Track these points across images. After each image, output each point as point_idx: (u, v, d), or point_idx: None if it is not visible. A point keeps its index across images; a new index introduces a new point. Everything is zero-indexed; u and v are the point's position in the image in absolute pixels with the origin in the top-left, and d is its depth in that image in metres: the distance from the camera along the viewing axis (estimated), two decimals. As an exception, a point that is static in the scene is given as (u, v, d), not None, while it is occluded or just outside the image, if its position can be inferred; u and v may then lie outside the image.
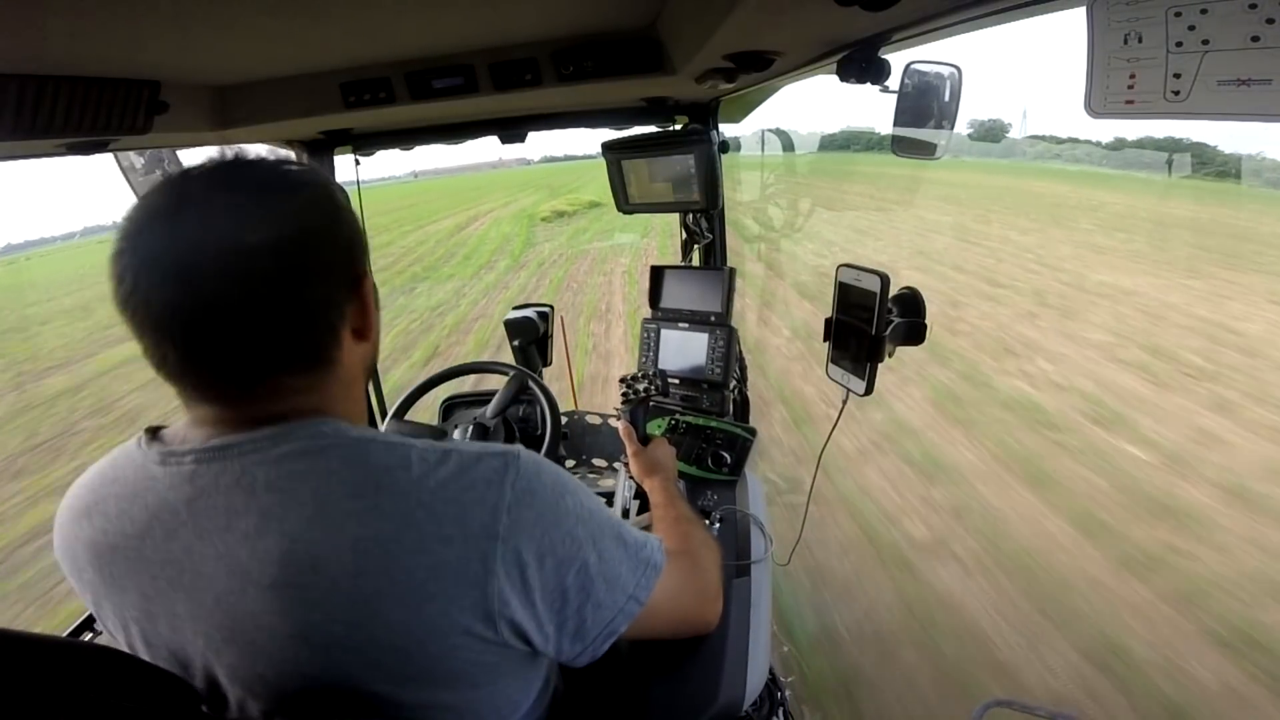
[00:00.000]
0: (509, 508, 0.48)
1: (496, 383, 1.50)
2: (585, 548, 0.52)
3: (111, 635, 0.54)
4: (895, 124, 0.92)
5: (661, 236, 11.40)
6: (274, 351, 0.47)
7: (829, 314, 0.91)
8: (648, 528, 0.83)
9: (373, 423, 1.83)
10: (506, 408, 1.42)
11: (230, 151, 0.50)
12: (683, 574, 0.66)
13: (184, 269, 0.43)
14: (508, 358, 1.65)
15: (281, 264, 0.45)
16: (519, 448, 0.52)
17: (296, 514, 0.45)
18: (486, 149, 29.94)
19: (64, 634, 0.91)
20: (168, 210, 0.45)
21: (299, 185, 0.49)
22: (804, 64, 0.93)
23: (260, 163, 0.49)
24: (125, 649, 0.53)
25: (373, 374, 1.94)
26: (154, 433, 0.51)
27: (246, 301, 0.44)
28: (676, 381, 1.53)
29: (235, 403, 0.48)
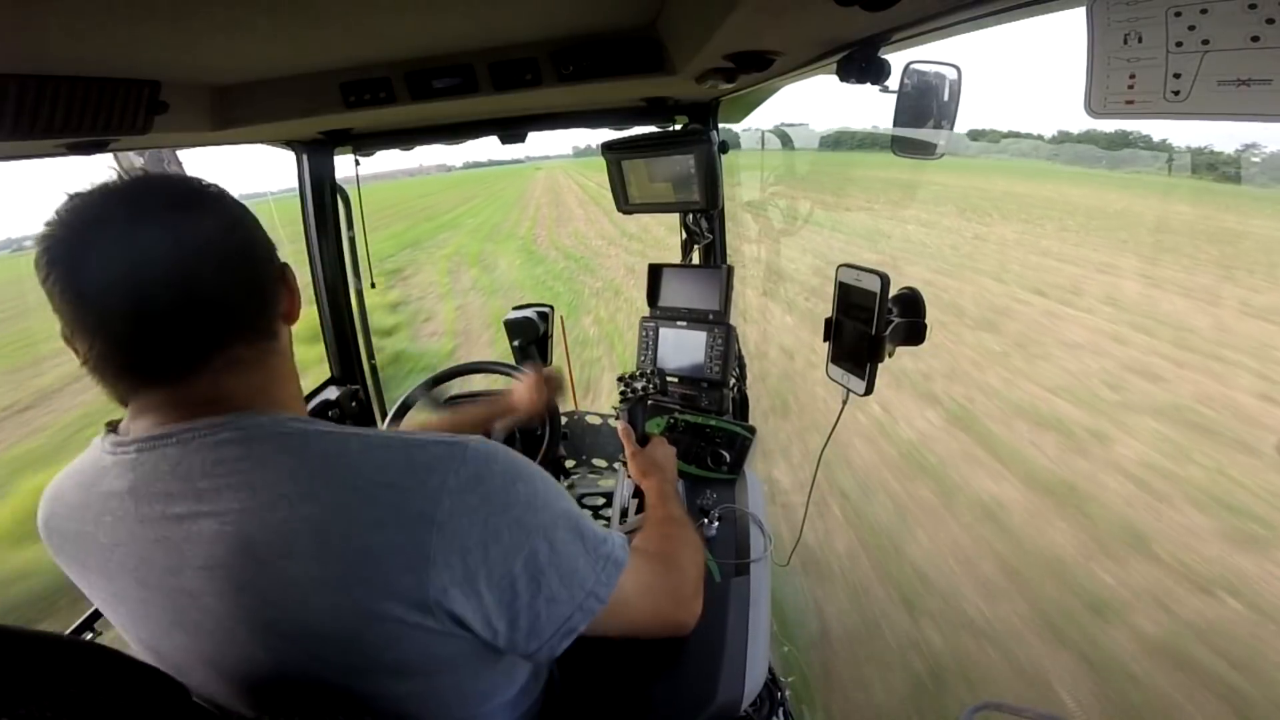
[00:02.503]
0: (450, 492, 0.47)
1: (500, 383, 1.50)
2: (534, 536, 0.50)
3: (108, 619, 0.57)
4: (895, 124, 0.92)
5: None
6: (223, 320, 0.50)
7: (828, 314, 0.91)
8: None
9: (372, 423, 1.83)
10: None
11: (137, 174, 0.53)
12: (655, 573, 0.65)
13: (136, 254, 0.46)
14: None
15: (234, 238, 0.51)
16: (474, 437, 0.52)
17: (230, 498, 0.46)
18: (400, 156, 29.08)
19: (66, 631, 0.92)
20: (105, 209, 0.47)
21: (217, 190, 0.53)
22: (804, 64, 0.93)
23: (171, 176, 0.54)
24: (120, 631, 0.55)
25: (374, 374, 1.94)
26: (111, 426, 0.53)
27: (198, 276, 0.48)
28: (675, 380, 1.53)
29: (183, 382, 0.49)
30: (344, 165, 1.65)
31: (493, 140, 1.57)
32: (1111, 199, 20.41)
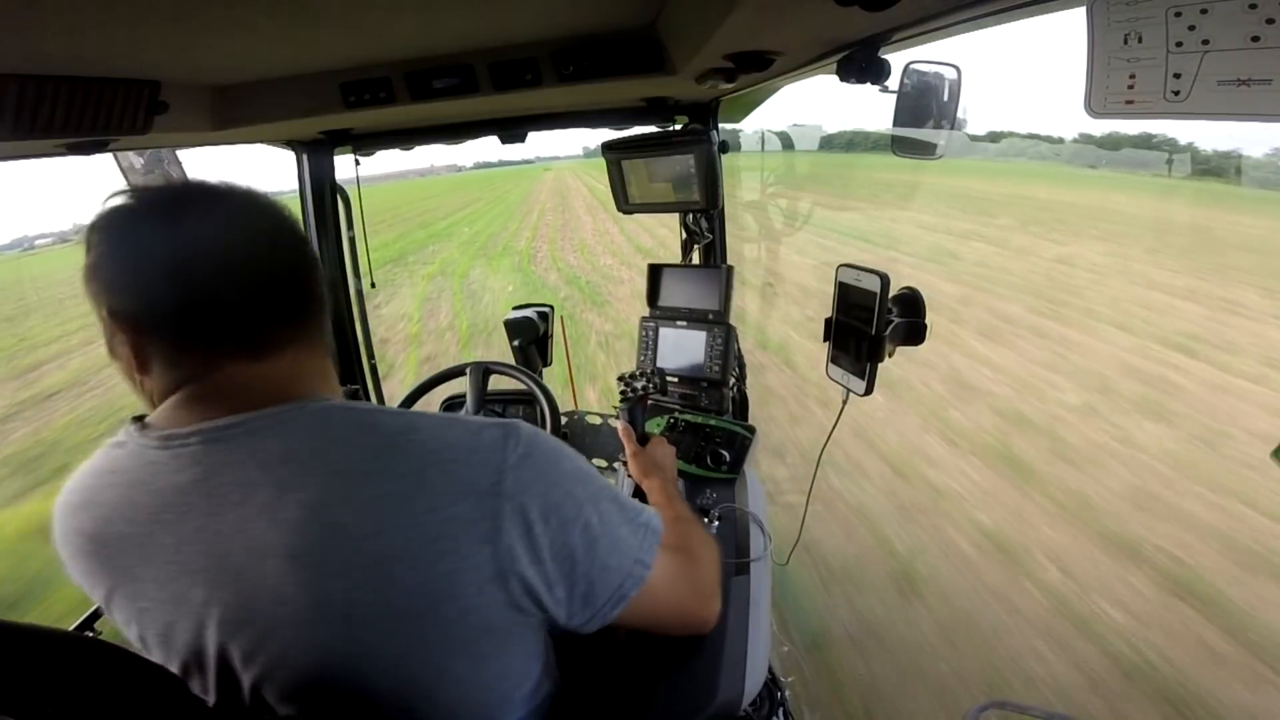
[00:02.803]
0: (511, 468, 0.49)
1: (500, 383, 1.50)
2: (586, 507, 0.53)
3: (120, 627, 0.54)
4: (895, 124, 0.92)
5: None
6: (305, 305, 0.55)
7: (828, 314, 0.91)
8: None
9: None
10: (482, 403, 1.43)
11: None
12: (681, 567, 0.66)
13: (215, 226, 0.50)
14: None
15: (300, 235, 0.57)
16: (518, 420, 0.55)
17: (314, 482, 0.46)
18: (411, 155, 29.62)
19: (71, 628, 0.92)
20: (174, 197, 0.52)
21: (264, 196, 0.56)
22: (804, 64, 0.94)
23: (231, 185, 0.56)
24: (135, 640, 0.53)
25: (374, 374, 1.94)
26: (140, 421, 0.52)
27: (286, 259, 0.53)
28: (675, 380, 1.53)
29: (261, 360, 0.51)
30: (345, 165, 1.65)
31: (498, 140, 1.57)
32: (1174, 210, 17.19)
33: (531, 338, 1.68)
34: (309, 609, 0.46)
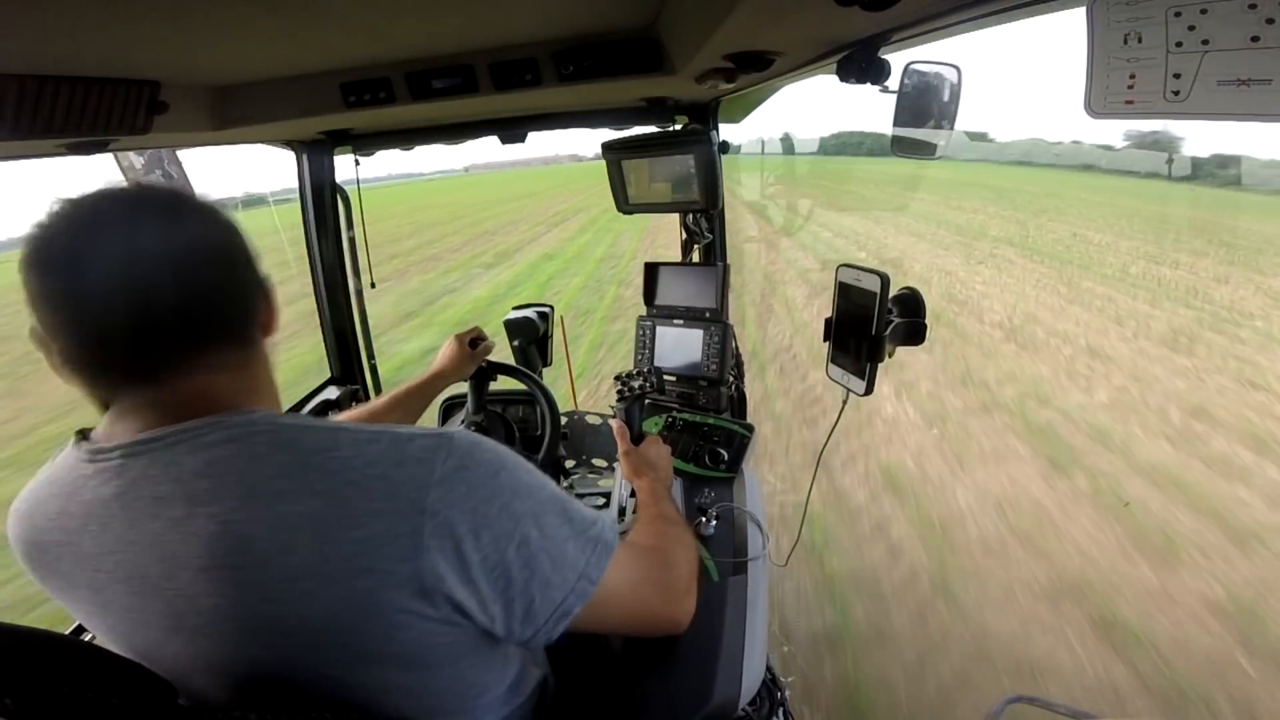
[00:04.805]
0: (438, 482, 0.48)
1: (501, 383, 1.50)
2: (524, 523, 0.52)
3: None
4: (895, 124, 0.92)
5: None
6: (205, 322, 0.50)
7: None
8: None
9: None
10: (483, 404, 1.42)
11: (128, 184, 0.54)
12: (646, 566, 0.66)
13: (121, 258, 0.46)
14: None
15: (221, 246, 0.52)
16: (457, 429, 0.53)
17: (225, 496, 0.46)
18: (537, 142, 27.50)
19: (68, 631, 0.92)
20: (86, 216, 0.48)
21: (206, 202, 0.54)
22: (804, 64, 0.93)
23: (156, 188, 0.55)
24: (98, 640, 0.55)
25: (374, 374, 1.94)
26: (83, 434, 0.53)
27: (178, 280, 0.48)
28: (673, 379, 1.53)
29: (167, 382, 0.49)
30: (345, 166, 1.65)
31: (498, 140, 1.56)
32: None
33: (531, 338, 1.68)
34: (230, 621, 0.46)
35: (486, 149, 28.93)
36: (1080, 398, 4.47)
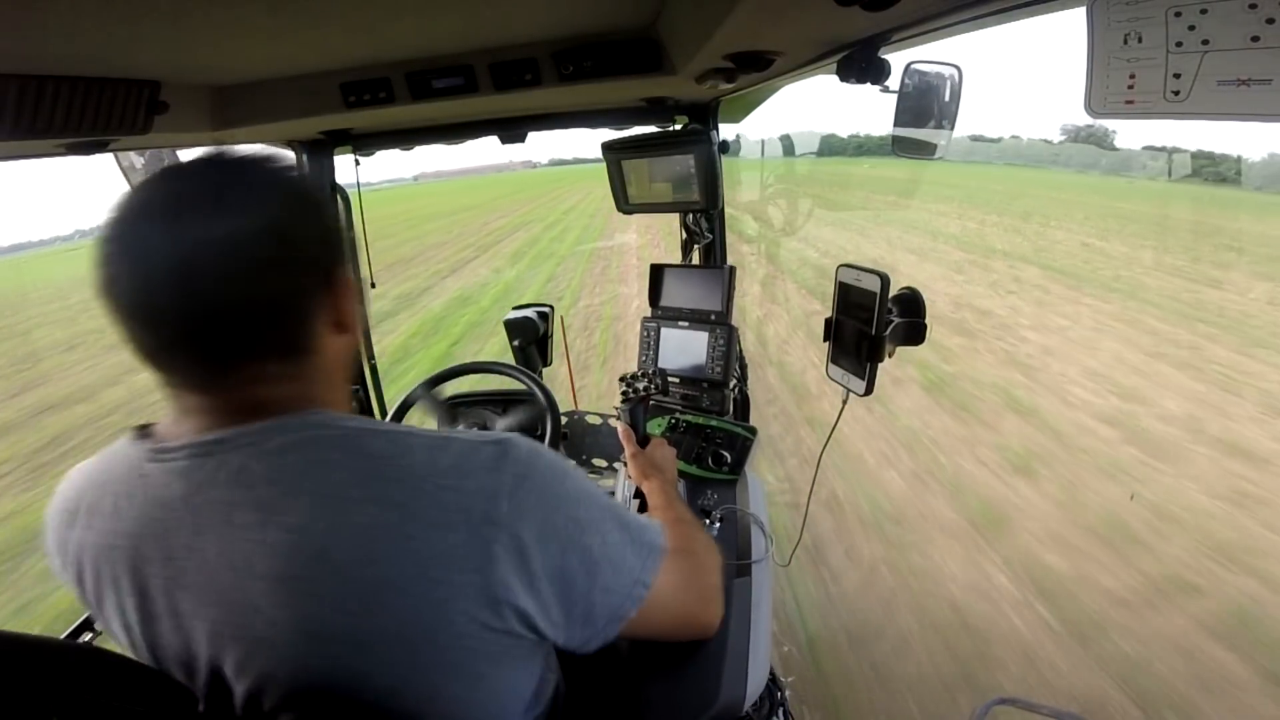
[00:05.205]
0: (509, 493, 0.48)
1: (498, 382, 1.50)
2: (587, 531, 0.52)
3: (113, 635, 0.54)
4: (895, 124, 0.92)
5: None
6: (247, 338, 0.47)
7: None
8: None
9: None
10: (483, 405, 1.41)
11: (215, 150, 0.50)
12: (685, 572, 0.65)
13: (162, 259, 0.44)
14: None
15: (248, 254, 0.46)
16: (514, 435, 0.53)
17: (298, 506, 0.45)
18: (489, 150, 27.96)
19: (62, 636, 0.91)
20: (149, 205, 0.46)
21: (272, 183, 0.50)
22: (804, 64, 0.93)
23: (240, 161, 0.50)
24: (126, 648, 0.53)
25: (374, 374, 1.95)
26: (143, 430, 0.52)
27: (218, 290, 0.45)
28: (676, 380, 1.53)
29: (216, 390, 0.48)
30: (345, 166, 1.65)
31: (498, 140, 1.56)
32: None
33: (531, 338, 1.68)
34: (298, 632, 0.46)
35: (438, 156, 28.08)
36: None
